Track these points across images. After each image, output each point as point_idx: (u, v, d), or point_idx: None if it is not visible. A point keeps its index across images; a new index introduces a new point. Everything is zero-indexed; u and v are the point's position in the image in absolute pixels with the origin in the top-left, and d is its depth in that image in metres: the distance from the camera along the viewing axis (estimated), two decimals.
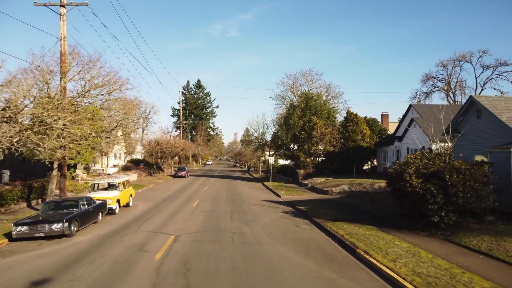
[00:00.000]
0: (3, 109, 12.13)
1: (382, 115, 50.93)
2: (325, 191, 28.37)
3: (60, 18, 20.67)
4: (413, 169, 14.44)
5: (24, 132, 12.36)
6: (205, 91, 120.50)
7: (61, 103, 15.31)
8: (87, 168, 38.95)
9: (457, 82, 54.95)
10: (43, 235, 12.80)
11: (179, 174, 50.45)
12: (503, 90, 56.08)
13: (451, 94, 55.61)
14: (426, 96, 57.18)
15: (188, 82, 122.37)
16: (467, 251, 11.10)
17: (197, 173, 63.53)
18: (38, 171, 32.61)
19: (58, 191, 20.90)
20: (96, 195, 17.96)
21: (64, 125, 13.43)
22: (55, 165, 18.80)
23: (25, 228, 12.71)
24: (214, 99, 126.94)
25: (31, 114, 11.94)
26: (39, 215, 14.02)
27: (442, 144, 21.60)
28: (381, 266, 9.75)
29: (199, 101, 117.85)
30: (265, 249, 11.68)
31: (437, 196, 13.29)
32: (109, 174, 42.23)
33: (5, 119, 12.18)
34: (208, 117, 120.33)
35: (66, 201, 15.42)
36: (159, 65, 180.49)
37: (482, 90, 53.70)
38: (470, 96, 17.91)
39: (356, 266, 10.23)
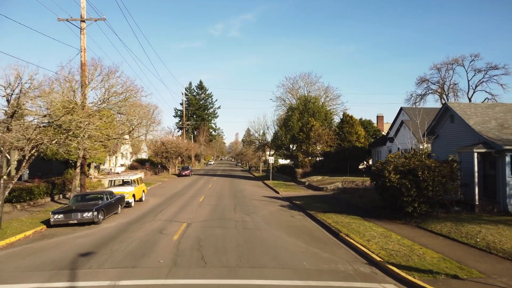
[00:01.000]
0: (44, 116, 14.43)
1: (377, 116, 53.18)
2: (321, 188, 30.67)
3: (80, 32, 23.01)
4: (392, 166, 16.70)
5: (61, 135, 14.67)
6: (207, 92, 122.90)
7: (88, 109, 17.64)
8: (97, 167, 41.32)
9: (450, 85, 57.08)
10: (76, 222, 15.14)
11: (183, 173, 52.79)
12: (493, 93, 58.32)
13: (444, 96, 57.72)
14: (420, 98, 59.20)
15: (190, 83, 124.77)
16: (431, 234, 13.41)
17: (200, 172, 65.89)
18: (54, 169, 35.05)
19: (79, 187, 23.22)
20: (115, 190, 20.29)
21: (94, 129, 15.75)
22: (78, 163, 21.14)
23: (61, 216, 15.05)
24: (216, 100, 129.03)
25: (69, 120, 14.18)
26: (71, 206, 16.35)
27: (426, 145, 23.94)
28: (357, 244, 12.07)
29: (201, 102, 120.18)
30: (263, 233, 14.01)
31: (411, 189, 15.56)
32: (117, 173, 44.55)
33: (44, 124, 14.47)
34: (210, 118, 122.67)
35: (92, 194, 17.79)
36: (161, 66, 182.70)
37: (474, 92, 55.84)
38: (445, 103, 20.23)
39: (338, 245, 12.56)
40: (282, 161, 62.92)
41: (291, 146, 51.29)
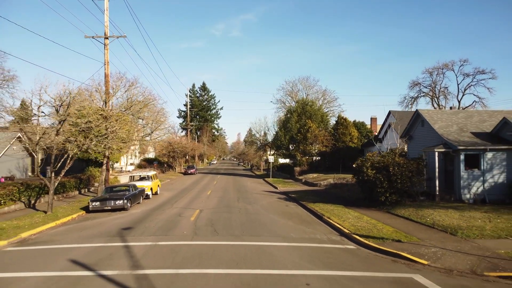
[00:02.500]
0: (85, 122, 17.89)
1: (371, 118, 56.53)
2: (315, 184, 34.10)
3: (104, 47, 26.52)
4: (369, 163, 20.12)
5: (96, 138, 18.17)
6: (210, 94, 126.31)
7: (115, 115, 21.17)
8: (111, 166, 44.86)
9: (440, 88, 60.42)
10: (109, 208, 18.62)
11: (189, 172, 56.33)
12: (480, 96, 61.55)
13: (435, 99, 61.05)
14: (413, 101, 62.51)
15: (193, 85, 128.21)
16: (395, 217, 16.81)
17: (204, 171, 69.42)
18: (73, 167, 38.54)
19: (103, 182, 26.73)
20: (136, 184, 23.78)
21: (124, 133, 19.27)
22: (104, 162, 24.65)
23: (98, 203, 18.54)
24: (219, 101, 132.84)
25: (104, 126, 17.65)
26: (104, 195, 19.84)
27: (403, 145, 27.38)
28: (334, 223, 15.49)
29: (204, 103, 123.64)
30: (262, 216, 17.46)
31: (384, 182, 18.95)
32: (128, 171, 48.09)
33: (82, 130, 17.95)
34: (212, 119, 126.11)
35: (120, 187, 21.30)
36: (164, 66, 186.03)
37: (463, 96, 59.17)
38: (417, 110, 23.64)
39: (320, 224, 16.00)
40: (282, 160, 66.31)
41: (290, 146, 54.73)
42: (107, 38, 26.55)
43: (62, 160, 17.93)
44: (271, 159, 48.65)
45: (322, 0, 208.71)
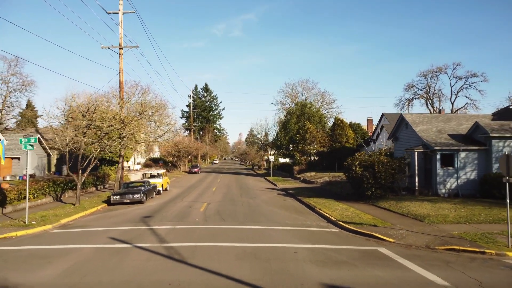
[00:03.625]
0: (108, 126, 20.50)
1: (367, 119, 59.03)
2: (312, 181, 36.68)
3: (119, 57, 29.14)
4: (357, 162, 22.67)
5: (118, 139, 20.82)
6: (212, 95, 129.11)
7: (130, 118, 23.84)
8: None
9: (434, 91, 62.91)
10: (128, 201, 21.24)
11: (193, 171, 59.04)
12: (472, 98, 64.00)
13: (429, 101, 63.54)
14: (408, 103, 65.07)
15: (196, 86, 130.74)
16: (377, 208, 19.37)
17: (207, 170, 72.10)
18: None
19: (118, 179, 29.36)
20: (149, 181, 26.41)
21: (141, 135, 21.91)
22: (120, 160, 27.30)
23: (118, 197, 21.17)
24: (221, 102, 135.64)
25: (125, 129, 20.29)
26: (123, 190, 22.45)
27: (390, 146, 29.93)
28: (324, 213, 18.06)
29: (207, 104, 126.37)
30: (262, 208, 20.06)
31: (370, 179, 21.49)
32: (136, 170, 50.76)
33: (105, 133, 20.59)
34: (215, 119, 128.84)
35: (136, 183, 23.95)
36: (168, 68, 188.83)
37: (456, 98, 61.64)
38: (401, 114, 26.22)
39: (312, 214, 18.59)
40: (282, 160, 68.92)
41: (290, 146, 57.30)
42: (121, 48, 29.16)
43: (88, 159, 20.50)
44: (271, 158, 51.26)
45: (323, 0, 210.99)
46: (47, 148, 38.64)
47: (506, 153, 17.04)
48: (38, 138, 36.49)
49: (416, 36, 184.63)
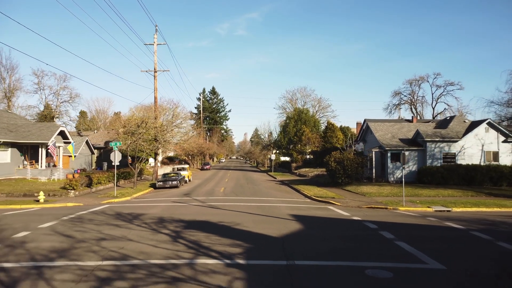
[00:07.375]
0: (151, 135, 29.21)
1: (357, 123, 67.28)
2: (305, 175, 45.31)
3: (154, 78, 37.93)
4: (332, 158, 31.29)
5: (152, 143, 29.57)
6: (219, 97, 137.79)
7: (164, 126, 32.65)
8: (146, 161, 56.44)
9: (416, 97, 71.21)
10: (168, 186, 30.00)
11: (205, 167, 67.88)
12: (449, 104, 72.26)
13: (413, 107, 71.82)
14: (395, 107, 73.40)
15: (204, 89, 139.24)
16: (342, 190, 27.93)
17: (216, 167, 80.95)
18: (122, 162, 50.17)
19: (153, 173, 38.19)
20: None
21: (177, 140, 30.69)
22: (155, 158, 36.09)
23: (161, 183, 29.97)
24: (227, 104, 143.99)
25: (163, 135, 29.12)
26: (163, 178, 31.18)
27: (360, 146, 38.44)
28: (305, 192, 26.66)
29: (214, 106, 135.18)
30: (263, 190, 28.75)
31: (340, 170, 30.10)
32: (158, 166, 59.52)
33: (154, 139, 29.40)
34: (222, 120, 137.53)
35: (171, 174, 32.74)
36: (178, 70, 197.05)
37: (436, 104, 69.88)
38: (365, 120, 34.69)
39: (296, 193, 27.26)
40: (282, 158, 77.67)
41: (288, 147, 65.97)
42: (156, 71, 37.98)
43: (140, 158, 29.28)
44: (273, 157, 59.93)
45: None
46: (92, 148, 47.56)
47: (404, 153, 25.60)
48: (86, 140, 45.53)
49: (416, 36, 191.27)
